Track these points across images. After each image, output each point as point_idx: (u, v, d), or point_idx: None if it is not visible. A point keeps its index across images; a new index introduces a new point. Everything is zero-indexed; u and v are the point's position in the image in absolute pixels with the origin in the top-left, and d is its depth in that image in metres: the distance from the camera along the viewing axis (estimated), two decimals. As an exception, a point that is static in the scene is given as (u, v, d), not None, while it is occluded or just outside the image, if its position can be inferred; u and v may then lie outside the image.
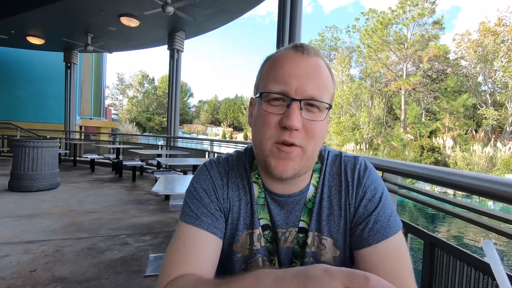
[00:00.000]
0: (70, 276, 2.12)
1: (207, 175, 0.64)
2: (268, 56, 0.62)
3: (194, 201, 0.61)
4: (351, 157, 0.65)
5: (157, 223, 3.39)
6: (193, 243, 0.56)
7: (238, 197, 0.63)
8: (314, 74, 0.55)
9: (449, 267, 1.05)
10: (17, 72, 12.32)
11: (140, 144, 9.09)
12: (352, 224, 0.60)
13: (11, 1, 6.31)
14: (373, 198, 0.60)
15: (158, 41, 8.47)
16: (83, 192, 4.88)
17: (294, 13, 3.35)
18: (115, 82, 51.17)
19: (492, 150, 15.60)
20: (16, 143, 4.70)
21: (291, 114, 0.52)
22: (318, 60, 0.57)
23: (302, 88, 0.53)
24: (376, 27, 22.55)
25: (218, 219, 0.60)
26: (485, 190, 0.90)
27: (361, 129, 21.86)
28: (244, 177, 0.65)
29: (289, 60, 0.56)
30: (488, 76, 20.84)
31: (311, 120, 0.54)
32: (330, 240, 0.61)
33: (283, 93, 0.54)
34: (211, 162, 0.67)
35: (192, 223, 0.58)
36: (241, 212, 0.63)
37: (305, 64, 0.55)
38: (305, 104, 0.54)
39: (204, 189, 0.62)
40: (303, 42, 0.60)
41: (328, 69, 0.59)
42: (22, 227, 3.07)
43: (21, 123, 10.01)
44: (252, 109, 0.63)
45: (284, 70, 0.55)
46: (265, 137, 0.55)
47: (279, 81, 0.54)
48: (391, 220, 0.58)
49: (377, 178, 0.63)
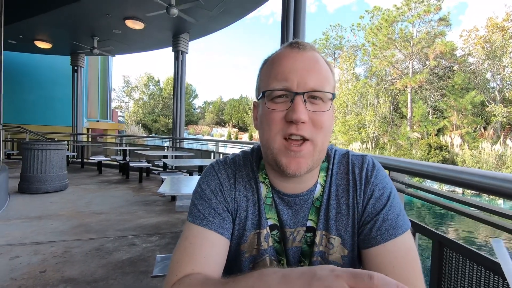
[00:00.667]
0: (79, 276, 2.15)
1: (214, 175, 0.64)
2: (266, 58, 0.62)
3: (201, 201, 0.61)
4: (359, 156, 0.65)
5: (164, 224, 3.41)
6: (201, 243, 0.56)
7: (245, 197, 0.63)
8: (313, 67, 0.56)
9: (458, 267, 1.03)
10: (25, 76, 12.55)
11: (146, 146, 9.17)
12: (360, 223, 0.60)
13: (20, 7, 6.43)
14: (382, 196, 0.59)
15: (163, 43, 8.53)
16: (91, 193, 4.94)
17: (298, 12, 3.34)
18: (121, 85, 51.92)
19: (501, 148, 15.33)
20: (25, 146, 4.78)
21: (296, 107, 0.52)
22: (314, 54, 0.58)
23: (303, 81, 0.54)
24: (381, 25, 22.37)
25: (225, 219, 0.61)
26: (495, 188, 0.88)
27: (367, 128, 21.70)
28: (251, 177, 0.65)
29: (287, 57, 0.57)
30: (497, 72, 20.49)
31: (317, 112, 0.55)
32: (338, 239, 0.60)
33: (285, 88, 0.54)
34: (218, 163, 0.67)
35: (199, 223, 0.59)
36: (249, 212, 0.63)
37: (303, 59, 0.56)
38: (309, 97, 0.55)
39: (211, 189, 0.62)
40: (297, 39, 0.61)
41: (325, 61, 0.59)
42: (31, 229, 3.12)
43: (30, 126, 10.18)
44: (257, 111, 0.63)
45: (283, 67, 0.56)
46: (272, 134, 0.55)
47: (280, 78, 0.55)
48: (399, 219, 0.57)
49: (385, 177, 0.62)
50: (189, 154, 6.59)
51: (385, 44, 22.43)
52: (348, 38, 29.90)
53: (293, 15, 3.36)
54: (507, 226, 0.92)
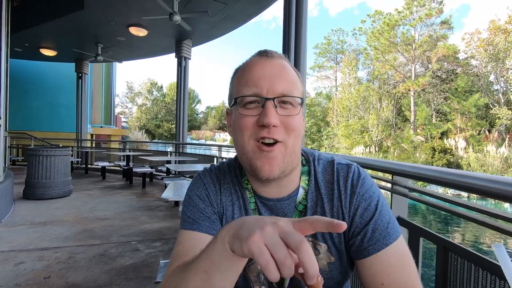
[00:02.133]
0: (83, 282, 2.15)
1: (201, 183, 0.67)
2: (236, 68, 0.64)
3: (190, 207, 0.64)
4: (344, 165, 0.64)
5: (167, 229, 3.41)
6: (193, 245, 0.58)
7: (231, 202, 0.65)
8: (281, 74, 0.58)
9: (463, 271, 1.02)
10: (31, 83, 12.70)
11: (149, 151, 9.21)
12: (350, 234, 0.60)
13: (26, 15, 6.54)
14: (369, 206, 0.59)
15: (166, 49, 8.61)
16: (95, 199, 4.96)
17: (300, 17, 3.37)
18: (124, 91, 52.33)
19: (507, 151, 15.17)
20: (30, 152, 4.83)
21: (267, 112, 0.54)
22: (282, 61, 0.60)
23: (272, 87, 0.56)
24: (383, 28, 22.41)
25: (214, 221, 0.63)
26: (499, 193, 0.87)
27: (370, 132, 21.61)
28: (236, 183, 0.67)
29: (256, 64, 0.59)
30: (500, 75, 20.37)
31: (288, 116, 0.56)
32: (324, 246, 0.61)
33: (256, 94, 0.56)
34: (204, 172, 0.70)
35: (190, 228, 0.61)
36: (235, 216, 0.64)
37: (271, 66, 0.58)
38: (279, 102, 0.56)
39: (198, 195, 0.65)
40: (266, 49, 0.63)
41: (293, 68, 0.62)
42: (36, 234, 3.13)
43: (35, 132, 10.28)
44: (230, 118, 0.64)
45: (253, 74, 0.58)
46: (245, 138, 0.57)
47: (250, 84, 0.57)
48: (389, 227, 0.57)
49: (372, 185, 0.62)
50: (192, 159, 6.61)
51: (387, 47, 22.45)
52: (350, 42, 29.99)
53: (294, 20, 3.38)
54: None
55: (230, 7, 5.90)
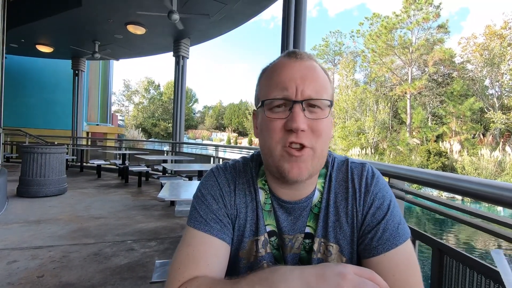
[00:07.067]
0: (77, 282, 2.13)
1: (215, 181, 0.65)
2: (264, 68, 0.63)
3: (202, 206, 0.61)
4: (358, 164, 0.65)
5: (162, 229, 3.39)
6: (203, 250, 0.56)
7: (244, 204, 0.64)
8: (311, 76, 0.57)
9: (458, 275, 1.03)
10: (27, 79, 12.58)
11: (145, 150, 9.16)
12: (361, 233, 0.60)
13: (22, 11, 6.48)
14: (382, 206, 0.59)
15: (163, 48, 8.58)
16: (90, 197, 4.92)
17: (299, 17, 3.38)
18: (121, 89, 51.94)
19: (500, 155, 15.35)
20: (25, 149, 4.78)
21: (295, 116, 0.53)
22: (312, 63, 0.59)
23: (301, 90, 0.55)
24: (380, 31, 22.56)
25: (226, 225, 0.61)
26: (493, 197, 0.88)
27: (367, 134, 21.73)
28: (250, 184, 0.65)
29: (285, 66, 0.58)
30: (495, 79, 20.61)
31: (316, 119, 0.55)
32: (336, 246, 0.60)
33: (284, 97, 0.55)
34: (218, 169, 0.67)
35: (201, 229, 0.59)
36: (248, 219, 0.63)
37: (300, 68, 0.57)
38: (307, 105, 0.55)
39: (212, 195, 0.63)
40: (295, 49, 0.62)
41: (323, 70, 0.60)
42: (30, 233, 3.10)
43: (30, 129, 10.17)
44: (256, 120, 0.63)
45: (282, 76, 0.56)
46: (273, 143, 0.56)
47: (279, 87, 0.56)
48: (400, 228, 0.57)
49: (385, 186, 0.62)
50: (189, 159, 6.59)
51: (384, 50, 22.59)
52: (347, 44, 30.12)
53: (293, 20, 3.39)
54: (506, 234, 0.92)
55: (229, 7, 5.89)
